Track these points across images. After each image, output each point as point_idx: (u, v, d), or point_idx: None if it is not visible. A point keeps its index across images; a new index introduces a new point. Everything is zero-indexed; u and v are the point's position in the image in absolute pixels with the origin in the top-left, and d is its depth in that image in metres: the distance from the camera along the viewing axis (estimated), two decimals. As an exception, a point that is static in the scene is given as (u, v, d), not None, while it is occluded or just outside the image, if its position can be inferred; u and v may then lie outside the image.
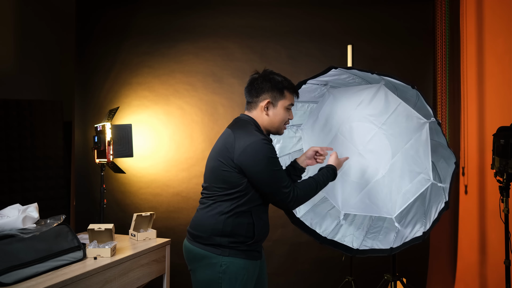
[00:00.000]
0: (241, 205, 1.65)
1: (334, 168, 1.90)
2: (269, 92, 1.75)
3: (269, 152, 1.64)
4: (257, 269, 1.76)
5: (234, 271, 1.64)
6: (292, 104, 1.81)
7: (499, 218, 2.12)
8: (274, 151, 1.67)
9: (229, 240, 1.64)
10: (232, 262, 1.64)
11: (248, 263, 1.68)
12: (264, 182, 1.64)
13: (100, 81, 3.59)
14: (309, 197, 1.76)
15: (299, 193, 1.70)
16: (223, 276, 1.63)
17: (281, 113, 1.77)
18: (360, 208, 2.28)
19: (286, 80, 1.79)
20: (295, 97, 1.84)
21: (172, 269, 2.56)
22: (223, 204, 1.66)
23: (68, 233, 2.05)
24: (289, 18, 3.39)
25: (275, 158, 1.67)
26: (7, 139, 3.80)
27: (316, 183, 1.78)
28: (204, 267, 1.66)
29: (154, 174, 3.45)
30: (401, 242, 2.05)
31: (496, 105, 2.41)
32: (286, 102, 1.77)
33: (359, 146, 2.25)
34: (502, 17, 2.37)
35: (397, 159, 2.15)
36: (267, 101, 1.74)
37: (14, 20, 4.13)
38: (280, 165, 1.69)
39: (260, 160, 1.61)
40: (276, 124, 1.79)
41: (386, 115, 2.15)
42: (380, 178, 2.20)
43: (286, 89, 1.76)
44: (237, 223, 1.65)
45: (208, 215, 1.67)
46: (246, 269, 1.67)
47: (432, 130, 2.04)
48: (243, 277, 1.66)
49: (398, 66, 3.27)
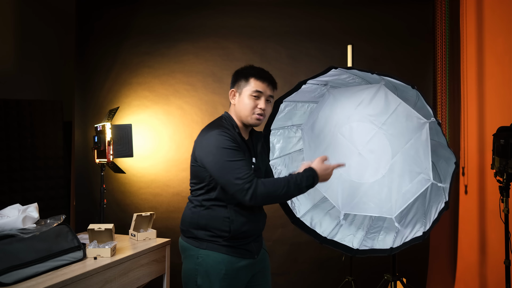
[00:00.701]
0: (215, 199, 1.69)
1: (314, 171, 1.70)
2: (236, 81, 1.79)
3: (222, 143, 1.62)
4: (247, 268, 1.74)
5: (210, 264, 1.66)
6: (258, 91, 1.73)
7: (499, 218, 2.12)
8: (231, 143, 1.63)
9: (206, 233, 1.68)
10: (208, 255, 1.67)
11: (228, 259, 1.67)
12: (215, 173, 1.63)
13: (100, 81, 3.59)
14: (274, 197, 1.61)
15: (261, 190, 1.57)
16: (199, 269, 1.67)
17: (245, 100, 1.73)
18: (360, 208, 2.28)
19: (257, 69, 1.78)
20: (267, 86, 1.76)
21: (172, 269, 2.56)
22: (197, 198, 1.74)
23: (68, 233, 2.05)
24: (289, 18, 3.39)
25: (230, 149, 1.62)
26: (7, 139, 3.81)
27: (287, 184, 1.62)
28: (185, 259, 1.76)
29: (154, 174, 3.45)
30: (401, 242, 2.05)
31: (496, 105, 2.41)
32: (250, 89, 1.73)
33: (359, 146, 2.25)
34: (502, 17, 2.37)
35: (397, 159, 2.15)
36: (232, 90, 1.80)
37: (14, 20, 4.13)
38: (239, 157, 1.61)
39: (211, 151, 1.63)
40: (242, 113, 1.75)
41: (386, 115, 2.15)
42: (380, 178, 2.20)
43: (251, 76, 1.74)
44: (212, 217, 1.68)
45: (187, 209, 1.78)
46: (224, 264, 1.66)
47: (432, 130, 2.04)
48: (219, 271, 1.65)
49: (398, 66, 3.26)
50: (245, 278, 1.75)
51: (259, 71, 1.78)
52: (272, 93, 1.80)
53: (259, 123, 1.79)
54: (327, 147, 2.34)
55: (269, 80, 1.79)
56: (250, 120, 1.76)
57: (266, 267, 1.88)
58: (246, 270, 1.74)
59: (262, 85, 1.75)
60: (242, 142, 1.75)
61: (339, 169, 2.32)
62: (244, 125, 1.80)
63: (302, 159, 2.49)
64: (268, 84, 1.77)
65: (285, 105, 2.28)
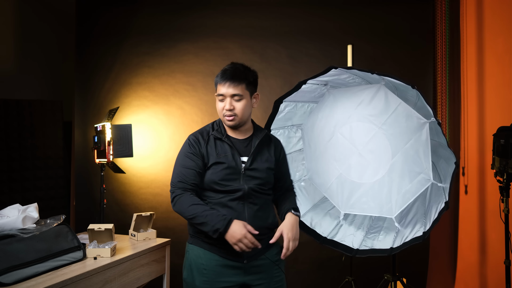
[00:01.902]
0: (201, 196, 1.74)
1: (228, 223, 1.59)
2: None
3: (183, 147, 1.78)
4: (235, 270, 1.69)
5: (192, 258, 1.74)
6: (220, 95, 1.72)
7: (499, 218, 2.12)
8: (188, 148, 1.74)
9: (193, 229, 1.76)
10: (192, 249, 1.76)
11: (209, 255, 1.70)
12: None
13: (100, 81, 3.59)
14: (184, 217, 1.68)
15: (177, 204, 1.68)
16: (186, 262, 1.78)
17: (216, 105, 1.78)
18: (360, 208, 2.28)
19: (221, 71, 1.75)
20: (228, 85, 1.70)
21: (172, 269, 2.55)
22: None
23: (68, 233, 2.05)
24: (289, 18, 3.39)
25: (183, 155, 1.74)
26: (7, 139, 3.81)
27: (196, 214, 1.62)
28: None
29: (154, 174, 3.45)
30: (401, 242, 2.05)
31: (496, 105, 2.41)
32: (216, 93, 1.76)
33: (359, 146, 2.25)
34: (502, 17, 2.37)
35: (397, 159, 2.15)
36: None
37: (14, 20, 4.13)
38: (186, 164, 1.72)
39: None
40: (219, 116, 1.80)
41: (386, 115, 2.15)
42: (380, 178, 2.20)
43: (216, 81, 1.76)
44: None
45: None
46: (204, 259, 1.70)
47: (432, 130, 2.04)
48: (200, 266, 1.70)
49: (398, 66, 3.26)
50: (233, 279, 1.70)
51: (221, 73, 1.74)
52: (236, 91, 1.70)
53: (232, 124, 1.74)
54: (327, 147, 2.34)
55: (230, 78, 1.71)
56: (225, 121, 1.76)
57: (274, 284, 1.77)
58: (234, 272, 1.70)
59: (222, 87, 1.72)
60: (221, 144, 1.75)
61: (339, 169, 2.32)
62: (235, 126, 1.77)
63: (302, 159, 2.49)
64: (229, 84, 1.70)
65: (285, 105, 2.28)
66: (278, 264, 1.78)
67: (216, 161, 1.71)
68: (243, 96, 1.72)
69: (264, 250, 1.74)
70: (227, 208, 1.69)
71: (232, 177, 1.71)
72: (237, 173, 1.72)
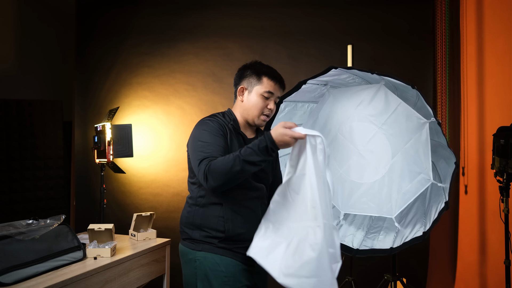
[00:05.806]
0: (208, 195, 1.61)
1: (268, 133, 1.46)
2: (246, 78, 1.71)
3: (203, 125, 1.62)
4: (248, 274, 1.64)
5: (208, 266, 1.57)
6: (270, 92, 1.67)
7: (499, 218, 2.12)
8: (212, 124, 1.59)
9: (201, 233, 1.60)
10: (205, 258, 1.58)
11: (226, 261, 1.58)
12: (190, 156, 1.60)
13: (100, 81, 3.59)
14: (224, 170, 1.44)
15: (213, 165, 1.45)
16: (198, 272, 1.58)
17: (255, 99, 1.66)
18: (360, 208, 2.27)
19: (269, 68, 1.70)
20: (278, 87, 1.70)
21: (172, 269, 2.55)
22: (193, 195, 1.68)
23: (68, 233, 2.05)
24: (289, 18, 3.39)
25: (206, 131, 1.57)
26: (7, 139, 3.81)
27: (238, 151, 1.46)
28: (184, 264, 1.68)
29: (154, 174, 3.45)
30: (401, 242, 2.05)
31: (496, 105, 2.41)
32: (262, 89, 1.66)
33: (359, 146, 2.25)
34: (502, 17, 2.37)
35: (397, 159, 2.15)
36: (242, 87, 1.71)
37: (14, 19, 4.13)
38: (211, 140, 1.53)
39: (192, 133, 1.64)
40: (250, 111, 1.68)
41: (386, 115, 2.15)
42: (380, 178, 2.20)
43: (264, 75, 1.67)
44: (207, 215, 1.61)
45: (184, 209, 1.73)
46: (223, 266, 1.57)
47: (432, 130, 2.04)
48: (219, 274, 1.55)
49: (398, 66, 3.26)
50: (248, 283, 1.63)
51: (272, 71, 1.70)
52: (281, 94, 1.75)
53: (264, 124, 1.74)
54: (327, 147, 2.34)
55: (280, 81, 1.72)
56: (256, 120, 1.69)
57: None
58: (247, 276, 1.64)
59: (274, 86, 1.68)
60: (237, 136, 1.67)
61: (339, 169, 2.32)
62: (248, 123, 1.73)
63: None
64: (280, 86, 1.71)
65: (285, 105, 2.28)
66: None
67: None
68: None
69: None
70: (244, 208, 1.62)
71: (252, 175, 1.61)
72: None
